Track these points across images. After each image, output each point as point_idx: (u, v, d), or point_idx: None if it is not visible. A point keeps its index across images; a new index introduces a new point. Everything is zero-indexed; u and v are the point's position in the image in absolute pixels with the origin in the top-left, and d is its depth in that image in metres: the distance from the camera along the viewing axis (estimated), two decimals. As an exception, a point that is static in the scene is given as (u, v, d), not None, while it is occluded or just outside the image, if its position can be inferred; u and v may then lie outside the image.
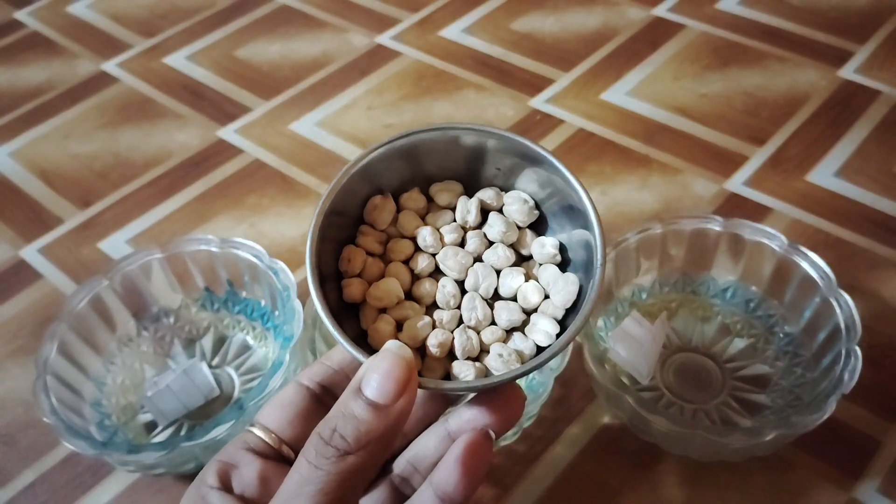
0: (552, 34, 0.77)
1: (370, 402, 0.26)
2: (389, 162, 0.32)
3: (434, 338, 0.30)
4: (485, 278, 0.31)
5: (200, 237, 0.50)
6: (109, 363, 0.49)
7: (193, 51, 0.79)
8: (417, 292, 0.31)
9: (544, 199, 0.32)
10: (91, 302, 0.48)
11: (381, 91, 0.72)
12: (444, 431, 0.30)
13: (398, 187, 0.33)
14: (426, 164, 0.33)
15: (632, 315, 0.46)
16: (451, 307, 0.31)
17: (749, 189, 0.60)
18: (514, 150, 0.31)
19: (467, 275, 0.31)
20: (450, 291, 0.31)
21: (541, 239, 0.32)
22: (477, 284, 0.31)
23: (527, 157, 0.31)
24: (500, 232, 0.32)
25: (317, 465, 0.25)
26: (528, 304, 0.31)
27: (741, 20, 0.76)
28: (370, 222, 0.32)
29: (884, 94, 0.66)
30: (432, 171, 0.33)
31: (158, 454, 0.40)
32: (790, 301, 0.47)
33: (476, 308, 0.31)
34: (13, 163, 0.68)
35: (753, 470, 0.44)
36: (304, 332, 0.44)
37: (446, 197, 0.33)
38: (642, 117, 0.67)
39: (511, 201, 0.32)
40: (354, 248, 0.32)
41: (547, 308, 0.31)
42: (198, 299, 0.52)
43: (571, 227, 0.31)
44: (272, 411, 0.31)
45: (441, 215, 0.33)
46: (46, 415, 0.42)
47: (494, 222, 0.32)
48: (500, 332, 0.31)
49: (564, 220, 0.32)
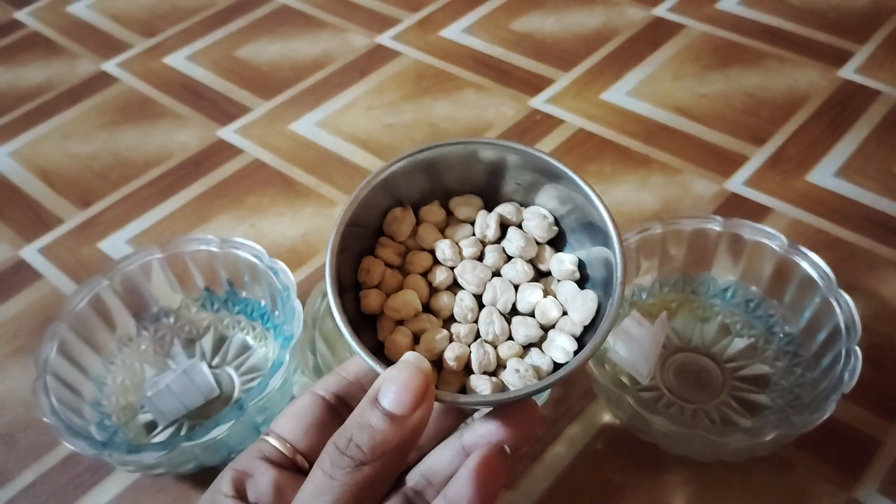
0: (552, 34, 0.77)
1: (387, 413, 0.26)
2: (410, 175, 0.32)
3: (451, 351, 0.30)
4: (503, 293, 0.31)
5: (200, 237, 0.50)
6: (109, 363, 0.49)
7: (193, 51, 0.79)
8: (435, 305, 0.31)
9: (564, 215, 0.32)
10: (91, 302, 0.48)
11: (381, 91, 0.72)
12: (458, 445, 0.30)
13: (418, 200, 0.33)
14: (446, 177, 0.33)
15: (632, 315, 0.46)
16: (469, 321, 0.31)
17: (749, 189, 0.60)
18: (534, 166, 0.31)
19: (485, 289, 0.31)
20: (467, 305, 0.31)
21: (560, 255, 0.32)
22: (495, 299, 0.31)
23: (547, 173, 0.31)
24: (519, 247, 0.31)
25: (332, 476, 0.25)
26: (546, 320, 0.31)
27: (741, 20, 0.76)
28: (390, 234, 0.32)
29: (884, 94, 0.66)
30: (452, 185, 0.33)
31: (158, 454, 0.40)
32: (790, 301, 0.47)
33: (493, 322, 0.30)
34: (13, 163, 0.68)
35: (753, 470, 0.44)
36: (304, 332, 0.44)
37: (466, 211, 0.33)
38: (642, 117, 0.67)
39: (531, 217, 0.32)
40: (373, 259, 0.32)
41: (565, 325, 0.30)
42: (198, 299, 0.52)
43: (591, 244, 0.31)
44: (287, 421, 0.31)
45: (460, 229, 0.32)
46: (46, 415, 0.42)
47: (513, 237, 0.32)
48: (518, 347, 0.30)
49: (584, 237, 0.32)
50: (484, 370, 0.30)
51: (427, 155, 0.31)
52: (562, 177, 0.31)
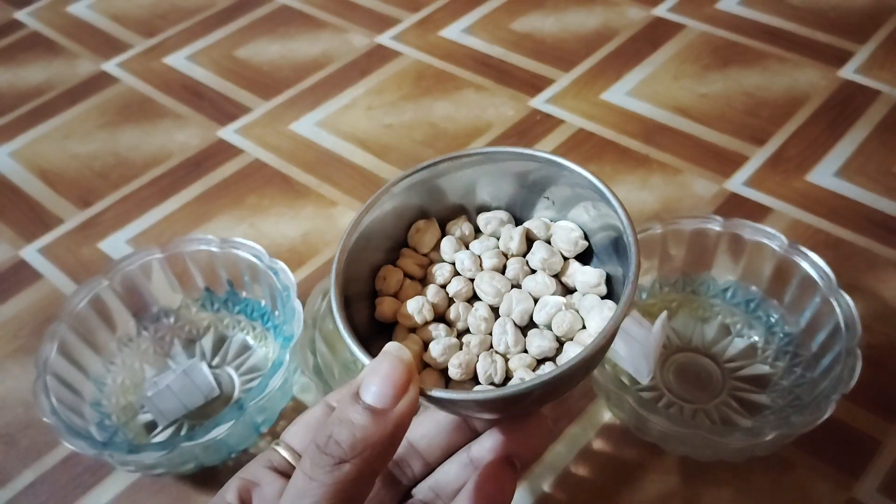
0: (552, 34, 0.77)
1: (367, 407, 0.25)
2: (434, 186, 0.32)
3: (457, 358, 0.28)
4: (519, 303, 0.30)
5: (200, 237, 0.50)
6: (109, 363, 0.49)
7: (193, 51, 0.79)
8: (450, 316, 0.30)
9: (595, 230, 0.31)
10: (91, 302, 0.48)
11: (381, 91, 0.72)
12: (466, 459, 0.29)
13: (446, 214, 0.33)
14: (478, 191, 0.32)
15: (632, 315, 0.47)
16: (482, 331, 0.30)
17: (749, 189, 0.60)
18: (569, 182, 0.30)
19: (503, 300, 0.30)
20: (481, 315, 0.30)
21: (584, 268, 0.31)
22: (510, 310, 0.30)
23: (580, 188, 0.30)
24: (542, 259, 0.30)
25: (312, 477, 0.25)
26: (564, 332, 0.29)
27: (741, 20, 0.76)
28: (413, 245, 0.32)
29: (884, 94, 0.67)
30: (484, 199, 0.32)
31: (159, 454, 0.40)
32: (790, 301, 0.47)
33: (507, 333, 0.29)
34: (13, 163, 0.68)
35: (753, 470, 0.44)
36: (304, 332, 0.44)
37: (493, 226, 0.32)
38: (642, 117, 0.67)
39: (558, 230, 0.31)
40: (392, 267, 0.31)
41: (581, 336, 0.29)
42: (198, 299, 0.52)
43: (619, 261, 0.30)
44: (298, 430, 0.30)
45: (485, 241, 0.32)
46: (47, 415, 0.42)
47: (538, 250, 0.31)
48: (530, 359, 0.29)
49: (613, 254, 0.31)
50: (490, 381, 0.28)
51: (453, 164, 0.31)
52: (593, 190, 0.29)
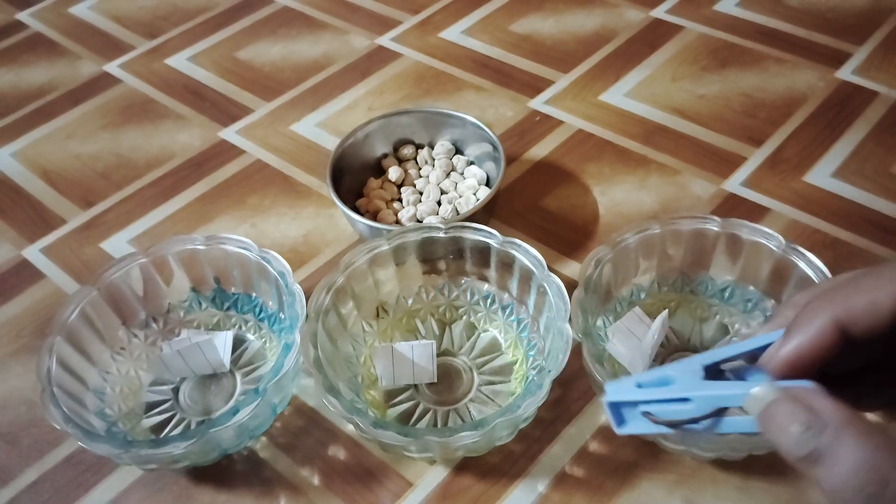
0: (551, 36, 0.77)
1: None
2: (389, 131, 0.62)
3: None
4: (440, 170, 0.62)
5: (184, 237, 0.49)
6: (105, 373, 0.48)
7: (195, 52, 0.79)
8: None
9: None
10: (81, 314, 0.47)
11: (381, 92, 0.72)
12: None
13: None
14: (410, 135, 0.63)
15: (634, 311, 0.47)
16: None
17: (747, 189, 0.60)
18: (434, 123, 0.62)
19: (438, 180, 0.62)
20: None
21: (472, 167, 0.62)
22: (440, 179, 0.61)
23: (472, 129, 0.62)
24: (441, 153, 0.62)
25: None
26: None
27: (739, 22, 0.76)
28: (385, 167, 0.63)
29: (881, 95, 0.67)
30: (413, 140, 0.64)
31: (186, 443, 0.40)
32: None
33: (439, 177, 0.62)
34: (16, 163, 0.69)
35: (753, 469, 0.44)
36: (307, 326, 0.44)
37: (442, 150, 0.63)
38: (641, 118, 0.67)
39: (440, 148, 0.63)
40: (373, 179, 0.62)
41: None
42: (185, 301, 0.52)
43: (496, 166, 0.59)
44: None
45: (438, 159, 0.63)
46: (61, 424, 0.41)
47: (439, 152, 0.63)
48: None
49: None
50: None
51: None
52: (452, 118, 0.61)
